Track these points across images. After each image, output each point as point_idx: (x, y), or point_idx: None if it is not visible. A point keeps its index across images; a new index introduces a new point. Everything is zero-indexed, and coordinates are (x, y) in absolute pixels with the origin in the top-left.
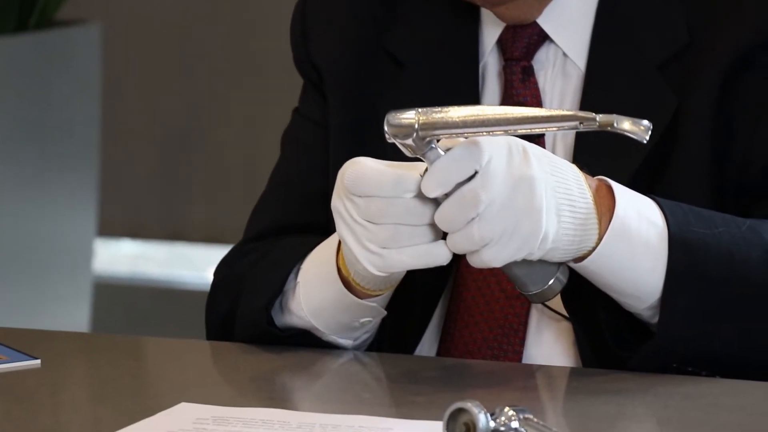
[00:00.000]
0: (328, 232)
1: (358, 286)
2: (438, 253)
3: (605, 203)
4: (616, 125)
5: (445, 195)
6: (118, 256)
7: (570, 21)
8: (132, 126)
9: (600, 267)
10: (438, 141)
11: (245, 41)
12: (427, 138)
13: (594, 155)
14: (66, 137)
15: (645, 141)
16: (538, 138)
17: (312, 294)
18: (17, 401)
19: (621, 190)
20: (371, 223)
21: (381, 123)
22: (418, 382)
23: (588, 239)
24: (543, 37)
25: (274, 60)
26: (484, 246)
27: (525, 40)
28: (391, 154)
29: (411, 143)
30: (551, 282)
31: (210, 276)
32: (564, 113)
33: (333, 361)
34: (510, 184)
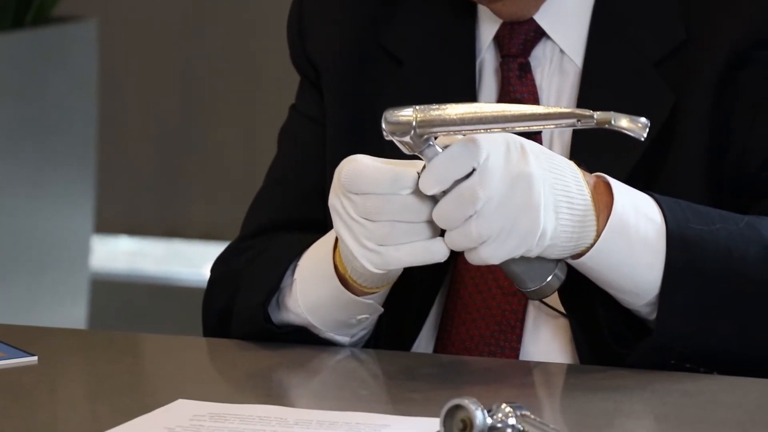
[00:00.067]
0: (325, 228)
1: (354, 283)
2: (436, 250)
3: (603, 200)
4: (613, 123)
5: (443, 192)
6: (115, 253)
7: (567, 18)
8: (129, 123)
9: (598, 264)
10: (436, 138)
11: (242, 37)
12: (425, 135)
13: (591, 152)
14: (63, 134)
15: (643, 138)
16: (535, 135)
17: (308, 291)
18: (14, 398)
19: (619, 186)
20: (368, 221)
21: (378, 120)
22: (415, 378)
23: (586, 236)
24: (540, 34)
25: (271, 57)
26: (482, 243)
27: (522, 36)
28: (389, 151)
29: (409, 141)
30: (549, 279)
31: (207, 273)
32: (562, 111)
33: (330, 358)
34: (508, 181)
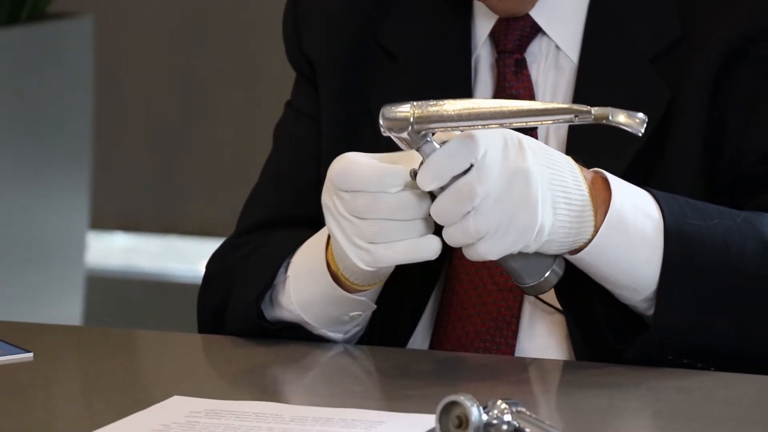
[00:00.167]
0: (320, 224)
1: (347, 281)
2: (427, 248)
3: (601, 195)
4: (611, 118)
5: (441, 188)
6: (111, 249)
7: (563, 14)
8: (125, 119)
9: (596, 259)
10: (433, 134)
11: (238, 34)
12: (423, 131)
13: (587, 149)
14: (58, 131)
15: (640, 134)
16: (531, 131)
17: (301, 288)
18: (9, 395)
19: (617, 182)
20: (358, 219)
21: (374, 116)
22: (410, 375)
23: (584, 231)
24: (536, 30)
25: (267, 53)
26: (479, 239)
27: (518, 32)
28: (385, 147)
29: (406, 137)
30: (547, 274)
31: (203, 269)
32: (559, 106)
33: (325, 355)
34: (505, 177)
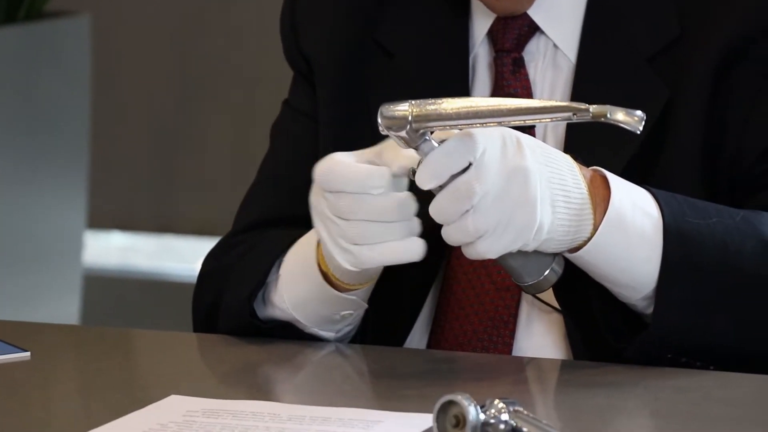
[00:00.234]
0: None
1: (337, 280)
2: (410, 250)
3: (600, 193)
4: (609, 116)
5: (440, 187)
6: (107, 248)
7: (561, 12)
8: (122, 118)
9: (595, 257)
10: (432, 133)
11: (236, 34)
12: (421, 130)
13: (585, 147)
14: (56, 130)
15: (639, 131)
16: (529, 129)
17: (293, 287)
18: (6, 394)
19: (616, 180)
20: (342, 219)
21: (371, 114)
22: (407, 374)
23: (583, 229)
24: (533, 29)
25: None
26: (478, 238)
27: (515, 31)
28: None
29: (405, 135)
30: (547, 273)
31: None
32: (557, 104)
33: (323, 354)
34: (504, 175)
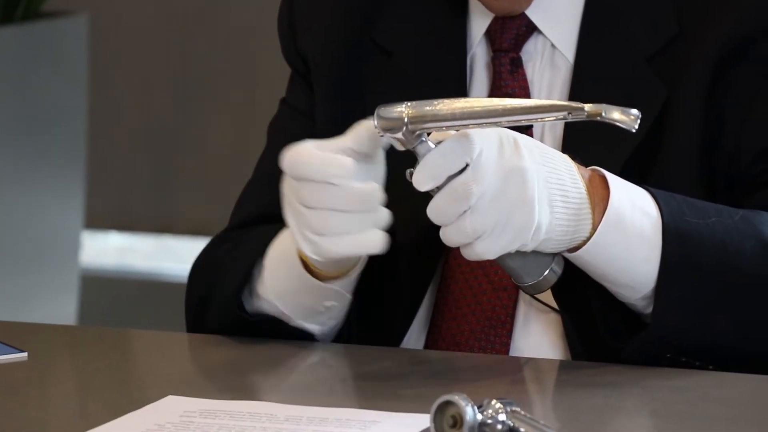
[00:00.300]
0: None
1: (315, 268)
2: (371, 244)
3: (598, 193)
4: (604, 114)
5: (438, 188)
6: (105, 248)
7: (559, 12)
8: (119, 118)
9: (595, 257)
10: (429, 135)
11: (234, 33)
12: (417, 131)
13: (583, 146)
14: (53, 130)
15: (634, 130)
16: (526, 129)
17: (276, 277)
18: (4, 394)
19: (615, 180)
20: (306, 208)
21: (368, 114)
22: (405, 374)
23: (582, 229)
24: (531, 29)
25: (263, 53)
26: (477, 238)
27: (513, 31)
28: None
29: (401, 137)
30: (546, 273)
31: None
32: (552, 103)
33: (320, 355)
34: (501, 175)
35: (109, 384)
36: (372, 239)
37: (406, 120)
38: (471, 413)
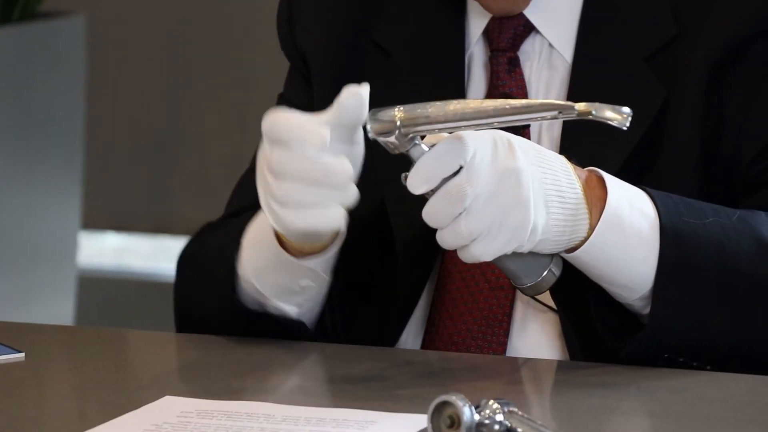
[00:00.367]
0: None
1: (288, 242)
2: (331, 219)
3: (596, 193)
4: (595, 113)
5: (432, 191)
6: (102, 248)
7: (557, 12)
8: (117, 118)
9: (592, 257)
10: (423, 138)
11: (231, 35)
12: (410, 134)
13: (581, 147)
14: (50, 130)
15: (625, 128)
16: (523, 129)
17: (253, 255)
18: (1, 395)
19: (612, 180)
20: (273, 177)
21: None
22: (402, 375)
23: (579, 229)
24: (529, 29)
25: (259, 54)
26: (473, 240)
27: (511, 31)
28: (376, 144)
29: (394, 140)
30: (545, 274)
31: None
32: (542, 102)
33: (316, 355)
34: (496, 177)
35: (107, 384)
36: (333, 216)
37: (398, 123)
38: (468, 414)
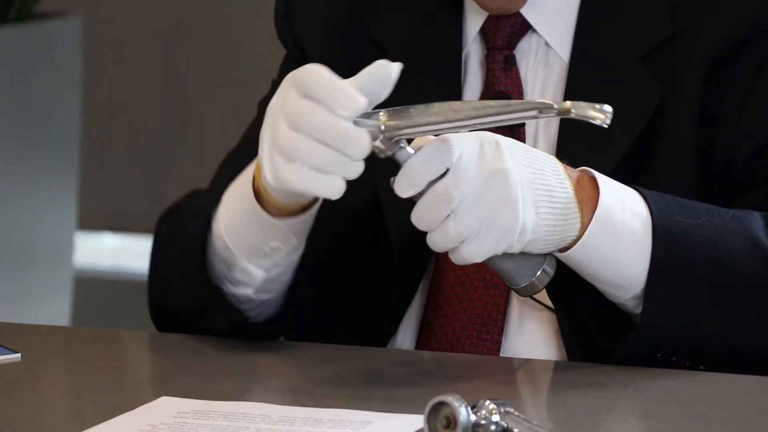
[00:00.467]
0: None
1: (267, 199)
2: (329, 188)
3: (587, 192)
4: (575, 111)
5: (420, 194)
6: (99, 249)
7: (553, 11)
8: (113, 119)
9: (585, 256)
10: (410, 143)
11: (228, 34)
12: (395, 138)
13: (577, 146)
14: (46, 131)
15: (606, 126)
16: (519, 129)
17: (228, 209)
18: None
19: (604, 180)
20: (288, 128)
21: None
22: (398, 375)
23: (570, 229)
24: (526, 27)
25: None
26: (462, 242)
27: (507, 29)
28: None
29: (379, 145)
30: (538, 274)
31: None
32: (522, 102)
33: (312, 356)
34: (483, 178)
35: (103, 385)
36: (333, 185)
37: (382, 128)
38: (464, 414)
